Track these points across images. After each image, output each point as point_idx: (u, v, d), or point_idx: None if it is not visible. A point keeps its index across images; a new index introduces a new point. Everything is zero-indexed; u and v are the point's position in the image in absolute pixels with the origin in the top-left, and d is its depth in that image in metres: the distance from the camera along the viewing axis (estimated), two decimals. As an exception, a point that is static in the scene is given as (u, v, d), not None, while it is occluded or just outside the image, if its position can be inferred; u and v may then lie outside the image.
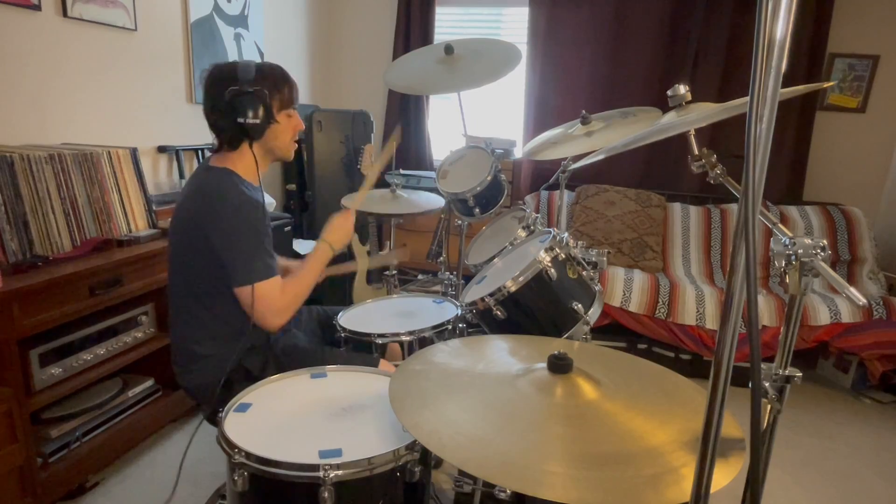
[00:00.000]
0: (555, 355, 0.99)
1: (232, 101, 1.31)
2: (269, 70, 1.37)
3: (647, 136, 1.07)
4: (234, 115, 1.31)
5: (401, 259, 1.64)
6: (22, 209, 1.66)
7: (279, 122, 1.39)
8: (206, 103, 1.36)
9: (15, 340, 1.52)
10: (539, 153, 1.89)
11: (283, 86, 1.39)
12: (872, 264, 3.00)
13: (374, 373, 1.32)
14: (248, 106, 1.31)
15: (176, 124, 2.66)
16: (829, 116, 3.40)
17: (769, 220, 0.93)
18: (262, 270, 1.31)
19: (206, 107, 1.37)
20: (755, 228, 0.53)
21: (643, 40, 3.46)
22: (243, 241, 1.30)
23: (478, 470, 0.77)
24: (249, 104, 1.31)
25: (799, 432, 2.45)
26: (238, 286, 1.30)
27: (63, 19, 2.05)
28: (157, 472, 1.97)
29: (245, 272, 1.30)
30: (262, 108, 1.32)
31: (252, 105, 1.31)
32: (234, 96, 1.30)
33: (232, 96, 1.30)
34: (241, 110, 1.31)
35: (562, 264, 1.45)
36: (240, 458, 0.98)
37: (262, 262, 1.32)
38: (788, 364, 0.85)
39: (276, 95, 1.37)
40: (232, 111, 1.31)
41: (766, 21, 0.51)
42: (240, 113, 1.31)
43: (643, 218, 3.22)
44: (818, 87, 1.04)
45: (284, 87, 1.39)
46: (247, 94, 1.31)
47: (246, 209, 1.31)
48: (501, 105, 3.89)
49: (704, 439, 0.61)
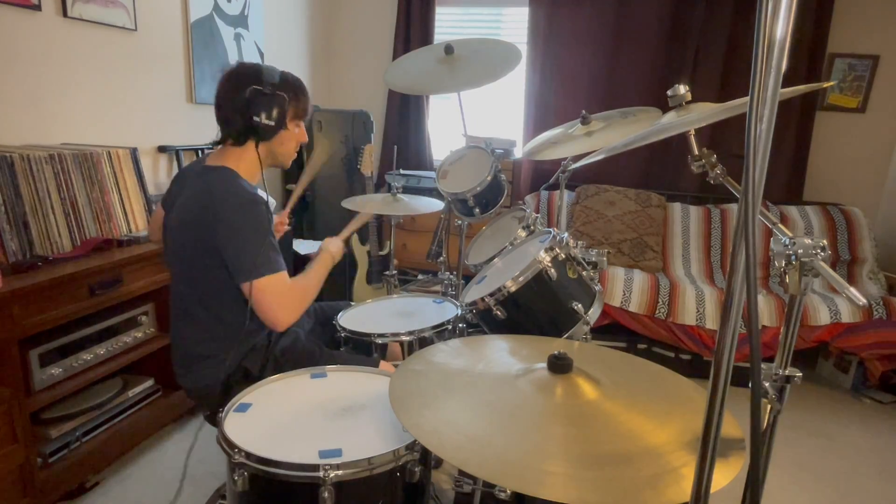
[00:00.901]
0: (555, 355, 0.99)
1: (251, 99, 1.34)
2: (292, 79, 1.43)
3: (647, 136, 1.07)
4: (249, 112, 1.34)
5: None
6: (22, 209, 1.66)
7: (289, 129, 1.43)
8: (222, 97, 1.38)
9: (15, 340, 1.52)
10: (539, 153, 1.89)
11: (301, 97, 1.43)
12: (872, 264, 3.00)
13: (374, 373, 1.32)
14: (267, 106, 1.35)
15: (176, 124, 2.66)
16: (829, 116, 3.40)
17: (769, 220, 0.93)
18: (269, 265, 1.32)
19: (220, 99, 1.38)
20: (755, 228, 0.53)
21: (643, 40, 3.46)
22: (250, 238, 1.30)
23: (478, 470, 0.77)
24: (268, 105, 1.35)
25: (799, 432, 2.45)
26: (245, 281, 1.30)
27: (63, 19, 2.05)
28: (157, 472, 1.97)
29: (252, 267, 1.29)
30: (278, 112, 1.37)
31: (270, 106, 1.35)
32: (255, 95, 1.34)
33: (252, 94, 1.33)
34: (257, 109, 1.34)
35: (562, 264, 1.45)
36: (240, 458, 0.98)
37: (269, 257, 1.32)
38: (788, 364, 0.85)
39: (294, 104, 1.41)
40: (248, 108, 1.34)
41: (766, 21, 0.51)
42: (256, 111, 1.34)
43: (643, 218, 3.22)
44: (818, 87, 1.04)
45: (303, 98, 1.44)
46: (268, 95, 1.35)
47: (251, 206, 1.32)
48: (501, 105, 3.89)
49: (704, 439, 0.61)
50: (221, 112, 1.39)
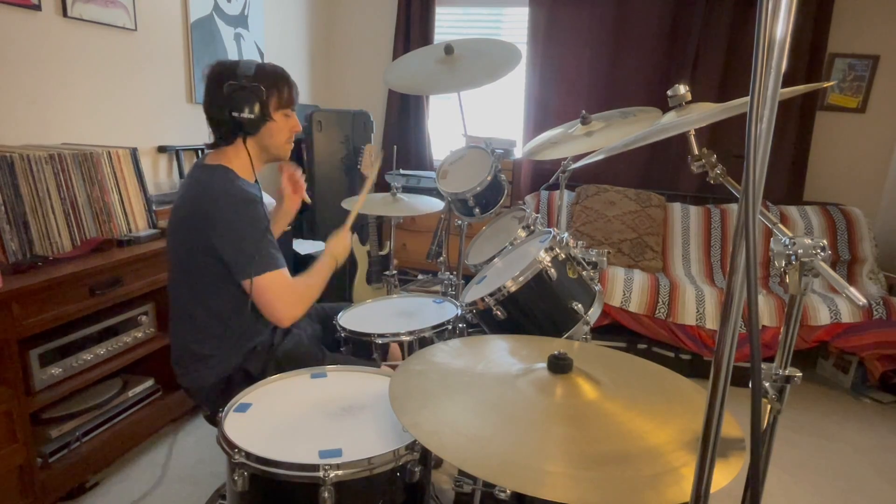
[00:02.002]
0: (555, 355, 0.99)
1: (229, 96, 1.34)
2: (270, 69, 1.40)
3: (647, 136, 1.07)
4: (229, 108, 1.34)
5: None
6: (22, 209, 1.66)
7: (276, 120, 1.41)
8: (206, 97, 1.39)
9: (15, 340, 1.52)
10: (539, 153, 1.89)
11: (281, 85, 1.41)
12: (872, 264, 3.00)
13: (374, 373, 1.32)
14: (244, 101, 1.34)
15: (176, 124, 2.66)
16: (829, 116, 3.40)
17: (769, 220, 0.93)
18: (269, 261, 1.32)
19: (205, 101, 1.40)
20: (755, 228, 0.53)
21: (643, 40, 3.46)
22: (247, 235, 1.31)
23: (478, 470, 0.77)
24: (245, 99, 1.34)
25: (799, 432, 2.45)
26: (245, 279, 1.30)
27: (63, 19, 2.05)
28: (157, 472, 1.97)
29: (252, 264, 1.30)
30: (258, 104, 1.35)
31: (247, 100, 1.34)
32: (232, 91, 1.34)
33: (230, 91, 1.34)
34: (237, 104, 1.34)
35: (562, 264, 1.45)
36: (240, 458, 0.98)
37: (267, 254, 1.32)
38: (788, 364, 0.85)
39: (274, 94, 1.39)
40: (228, 104, 1.34)
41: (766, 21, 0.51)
42: (234, 107, 1.34)
43: (643, 218, 3.22)
44: (818, 87, 1.04)
45: (284, 87, 1.41)
46: (243, 88, 1.34)
47: (245, 204, 1.32)
48: (501, 105, 3.89)
49: (704, 439, 0.61)
50: (208, 114, 1.40)
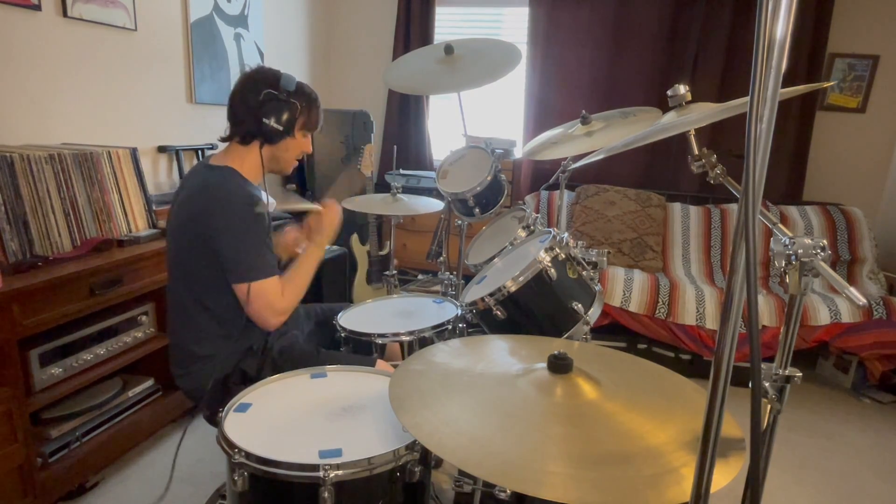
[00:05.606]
0: (555, 355, 0.99)
1: (265, 102, 1.37)
2: (308, 90, 1.46)
3: (647, 136, 1.07)
4: (261, 113, 1.37)
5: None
6: (22, 209, 1.66)
7: (296, 137, 1.45)
8: (238, 94, 1.41)
9: (15, 340, 1.52)
10: (539, 153, 1.89)
11: (314, 108, 1.47)
12: (872, 264, 3.00)
13: (373, 373, 1.32)
14: (278, 111, 1.38)
15: (176, 124, 2.66)
16: (829, 116, 3.40)
17: (769, 220, 0.93)
18: (264, 268, 1.33)
19: (234, 97, 1.41)
20: (755, 228, 0.53)
21: (643, 40, 3.46)
22: (246, 240, 1.31)
23: (478, 470, 0.77)
24: (279, 110, 1.39)
25: (799, 432, 2.45)
26: (238, 282, 1.31)
27: (63, 19, 2.05)
28: (157, 472, 1.97)
29: (247, 269, 1.31)
30: (288, 118, 1.40)
31: (281, 111, 1.39)
32: (269, 98, 1.37)
33: (267, 97, 1.37)
34: (269, 112, 1.37)
35: (562, 264, 1.45)
36: (240, 458, 0.98)
37: (264, 260, 1.33)
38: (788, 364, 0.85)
39: (305, 114, 1.44)
40: (260, 109, 1.37)
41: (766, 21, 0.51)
42: (267, 114, 1.37)
43: (643, 218, 3.22)
44: (818, 87, 1.04)
45: (315, 111, 1.48)
46: (282, 100, 1.38)
47: (249, 208, 1.33)
48: (501, 105, 3.89)
49: (704, 439, 0.61)
50: (233, 110, 1.42)
